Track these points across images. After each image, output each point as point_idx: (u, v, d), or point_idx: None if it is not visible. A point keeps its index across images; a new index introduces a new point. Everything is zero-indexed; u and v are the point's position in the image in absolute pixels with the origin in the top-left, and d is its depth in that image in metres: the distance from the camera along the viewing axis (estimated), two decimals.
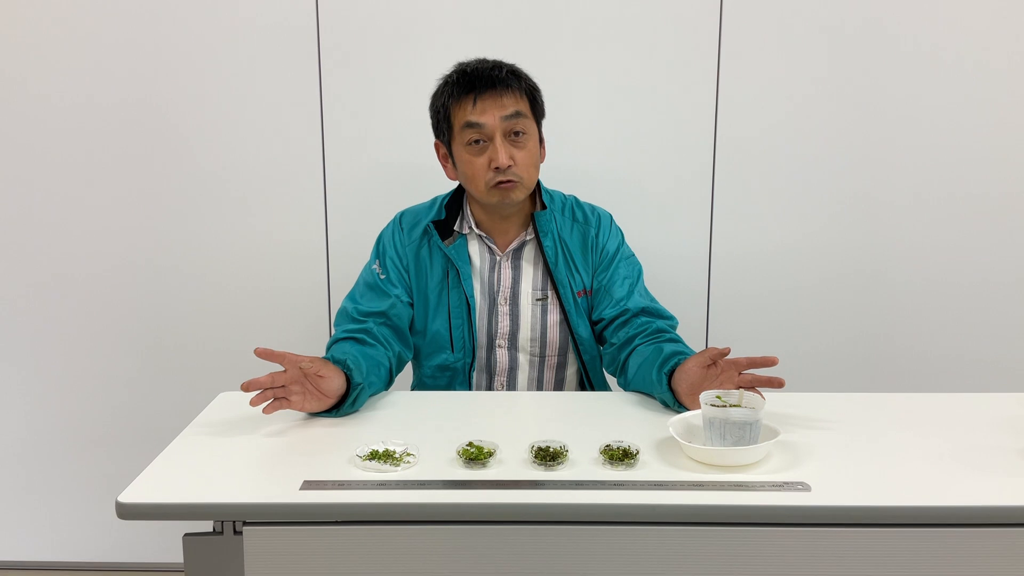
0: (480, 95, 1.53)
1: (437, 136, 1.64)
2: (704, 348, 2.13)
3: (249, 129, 2.12)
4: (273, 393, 1.29)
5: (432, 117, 1.63)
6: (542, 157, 1.64)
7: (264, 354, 1.29)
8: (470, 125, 1.54)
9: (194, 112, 2.11)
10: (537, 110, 1.61)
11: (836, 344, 2.20)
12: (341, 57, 2.08)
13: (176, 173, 2.14)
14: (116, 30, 2.07)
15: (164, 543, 2.27)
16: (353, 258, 1.87)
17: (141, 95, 2.10)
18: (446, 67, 1.61)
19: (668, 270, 2.12)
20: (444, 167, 1.66)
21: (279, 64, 2.09)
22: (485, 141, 1.54)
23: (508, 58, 1.62)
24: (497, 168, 1.53)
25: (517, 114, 1.55)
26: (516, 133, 1.55)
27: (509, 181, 1.55)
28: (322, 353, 1.53)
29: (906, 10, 2.04)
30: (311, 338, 2.15)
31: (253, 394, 1.28)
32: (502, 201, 1.57)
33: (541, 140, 1.64)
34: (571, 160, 2.09)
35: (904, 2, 2.04)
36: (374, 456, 1.16)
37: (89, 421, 2.25)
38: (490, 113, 1.53)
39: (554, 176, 1.80)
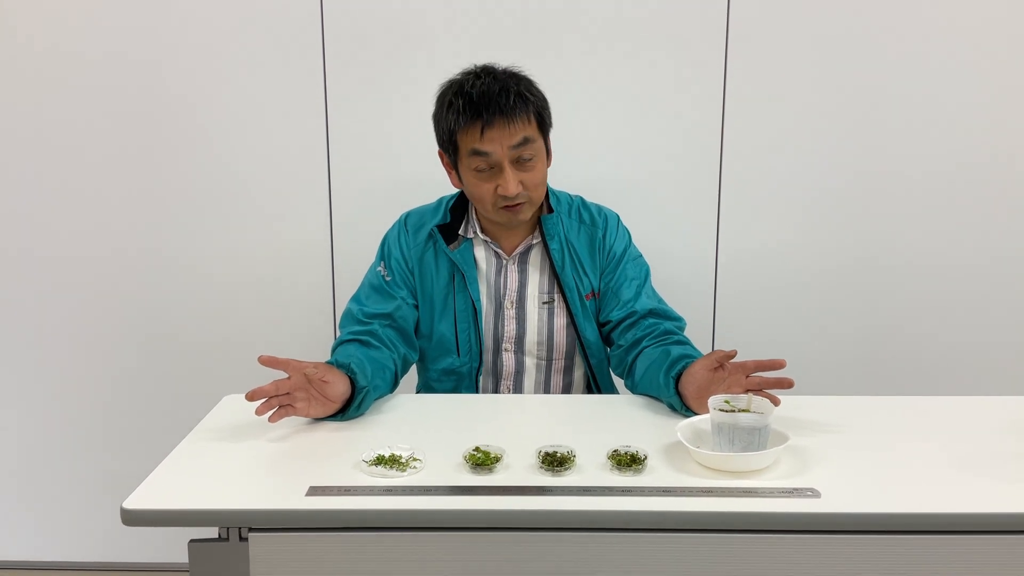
0: (488, 124, 1.48)
1: (441, 147, 1.61)
2: (711, 350, 2.16)
3: (254, 132, 2.11)
4: (278, 401, 1.29)
5: (437, 134, 1.59)
6: (548, 163, 1.62)
7: (268, 362, 1.29)
8: (477, 153, 1.50)
9: (198, 114, 2.11)
10: (544, 126, 1.57)
11: (844, 345, 2.19)
12: (346, 59, 2.08)
13: (180, 175, 2.14)
14: (119, 34, 2.07)
15: (168, 543, 2.26)
16: (358, 260, 1.86)
17: (144, 98, 2.10)
18: (451, 71, 1.57)
19: (675, 271, 2.11)
20: (449, 174, 1.64)
21: (284, 66, 2.08)
22: (492, 167, 1.52)
23: (515, 63, 1.58)
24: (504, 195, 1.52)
25: (525, 140, 1.50)
26: (524, 158, 1.52)
27: (517, 204, 1.54)
28: (327, 355, 1.52)
29: (909, 13, 2.03)
30: (316, 340, 2.14)
31: (258, 402, 1.27)
32: (509, 222, 1.57)
33: (548, 151, 1.61)
34: (578, 162, 2.08)
35: (907, 6, 2.03)
36: (380, 461, 1.15)
37: (92, 421, 2.25)
38: (498, 142, 1.48)
39: (561, 179, 1.79)
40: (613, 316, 1.62)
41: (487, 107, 1.47)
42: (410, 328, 1.63)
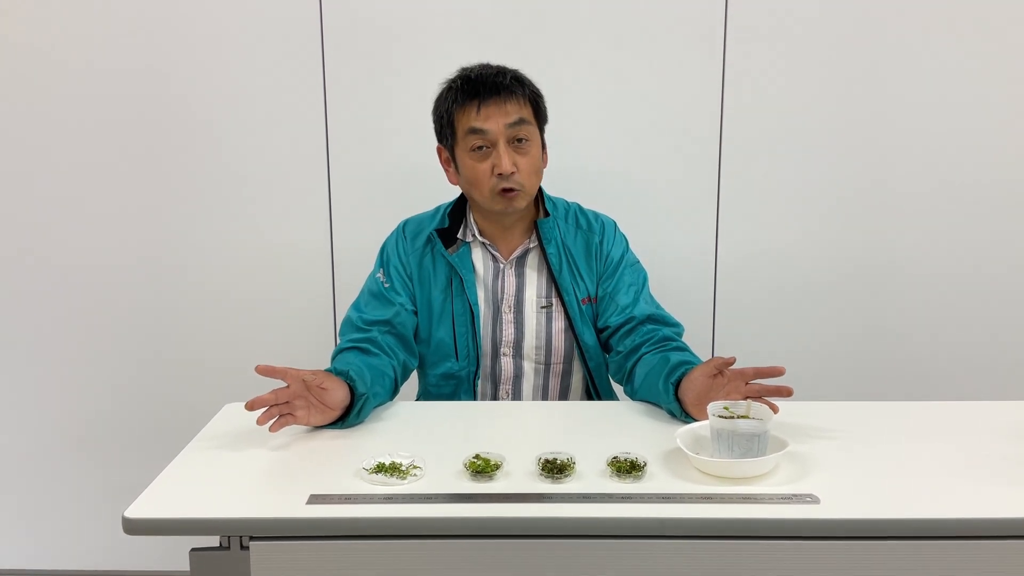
0: (484, 101, 1.53)
1: (440, 141, 1.64)
2: (711, 355, 2.16)
3: (253, 137, 2.11)
4: (278, 410, 1.29)
5: (435, 122, 1.63)
6: (544, 163, 1.64)
7: (265, 371, 1.29)
8: (474, 131, 1.54)
9: (197, 121, 2.10)
10: (540, 116, 1.61)
11: (845, 349, 2.19)
12: (345, 63, 2.08)
13: (179, 181, 2.13)
14: (117, 37, 2.07)
15: (169, 552, 2.26)
16: (358, 267, 1.87)
17: (142, 104, 2.10)
18: (450, 72, 1.61)
19: (674, 274, 2.12)
20: (447, 172, 1.66)
21: (282, 71, 2.08)
22: (488, 147, 1.54)
23: (513, 60, 1.62)
24: (500, 174, 1.53)
25: (520, 121, 1.54)
26: (519, 140, 1.55)
27: (512, 189, 1.55)
28: (327, 363, 1.53)
29: (910, 10, 2.03)
30: (316, 347, 2.13)
31: (258, 412, 1.28)
32: (505, 209, 1.57)
33: (544, 146, 1.64)
34: (575, 163, 2.08)
35: (908, 3, 2.03)
36: (381, 469, 1.15)
37: (93, 429, 2.24)
38: (494, 119, 1.53)
39: (559, 180, 1.80)
40: (611, 322, 1.63)
41: (483, 85, 1.54)
42: (409, 334, 1.64)
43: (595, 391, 1.70)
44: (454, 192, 1.70)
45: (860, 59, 2.06)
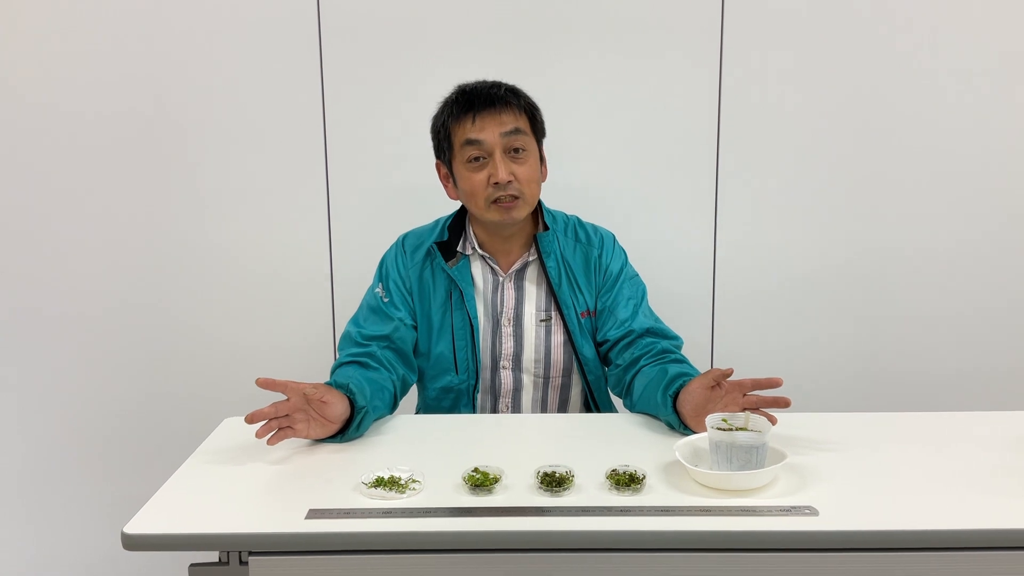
0: (479, 112, 1.55)
1: (438, 156, 1.65)
2: (710, 359, 2.16)
3: (251, 151, 2.12)
4: (277, 423, 1.29)
5: (433, 138, 1.64)
6: (544, 176, 1.65)
7: (266, 384, 1.29)
8: (470, 142, 1.55)
9: (196, 136, 2.11)
10: (537, 128, 1.62)
11: (845, 358, 2.19)
12: (344, 76, 2.09)
13: (179, 196, 2.14)
14: (116, 44, 2.07)
15: (169, 567, 2.25)
16: (357, 281, 1.87)
17: (142, 118, 2.10)
18: (448, 87, 1.62)
19: (672, 277, 2.12)
20: (445, 187, 1.67)
21: (281, 88, 2.09)
22: (485, 158, 1.56)
23: (512, 71, 1.64)
24: (497, 184, 1.54)
25: (516, 131, 1.56)
26: (516, 150, 1.56)
27: (511, 198, 1.55)
28: (326, 377, 1.53)
29: (909, 11, 2.04)
30: (316, 360, 2.14)
31: (258, 425, 1.28)
32: (503, 219, 1.58)
33: (542, 159, 1.65)
34: (574, 172, 2.09)
35: (906, 4, 2.04)
36: (379, 483, 1.15)
37: (92, 444, 2.24)
38: (489, 130, 1.54)
39: (557, 189, 1.80)
40: (610, 335, 1.63)
41: (478, 97, 1.57)
42: (408, 349, 1.64)
43: (594, 404, 1.70)
44: (453, 206, 1.71)
45: (856, 61, 2.06)
